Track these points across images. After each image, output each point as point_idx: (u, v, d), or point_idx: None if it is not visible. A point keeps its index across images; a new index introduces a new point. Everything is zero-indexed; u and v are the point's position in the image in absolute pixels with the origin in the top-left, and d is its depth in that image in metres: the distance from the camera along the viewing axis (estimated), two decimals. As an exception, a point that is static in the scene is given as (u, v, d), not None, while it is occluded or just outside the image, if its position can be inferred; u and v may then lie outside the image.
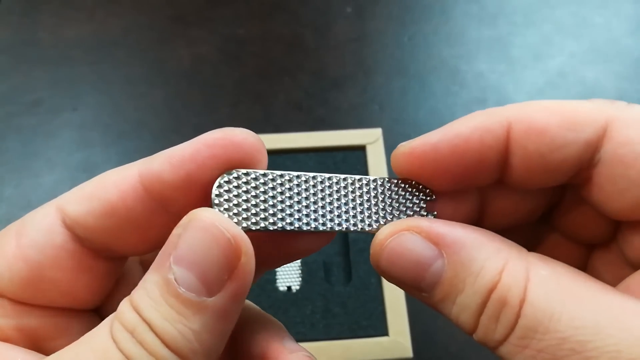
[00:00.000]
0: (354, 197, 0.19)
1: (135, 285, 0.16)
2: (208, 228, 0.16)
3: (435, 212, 0.20)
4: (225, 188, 0.17)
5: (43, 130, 0.53)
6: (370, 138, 0.48)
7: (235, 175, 0.17)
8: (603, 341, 0.15)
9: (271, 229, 0.18)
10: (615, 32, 0.59)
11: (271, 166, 0.18)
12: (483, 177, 0.19)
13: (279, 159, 0.47)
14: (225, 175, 0.17)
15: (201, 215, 0.16)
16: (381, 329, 0.41)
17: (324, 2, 0.62)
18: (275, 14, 0.61)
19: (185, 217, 0.16)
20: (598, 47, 0.58)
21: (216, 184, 0.17)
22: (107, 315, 0.17)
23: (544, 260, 0.17)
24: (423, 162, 0.19)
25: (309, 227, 0.18)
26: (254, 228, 0.18)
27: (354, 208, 0.19)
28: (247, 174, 0.18)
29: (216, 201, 0.17)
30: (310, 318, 0.42)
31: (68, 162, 0.51)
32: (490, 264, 0.17)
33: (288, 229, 0.18)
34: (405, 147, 0.19)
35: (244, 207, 0.18)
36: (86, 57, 0.58)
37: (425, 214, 0.20)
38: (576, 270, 0.17)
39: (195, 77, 0.57)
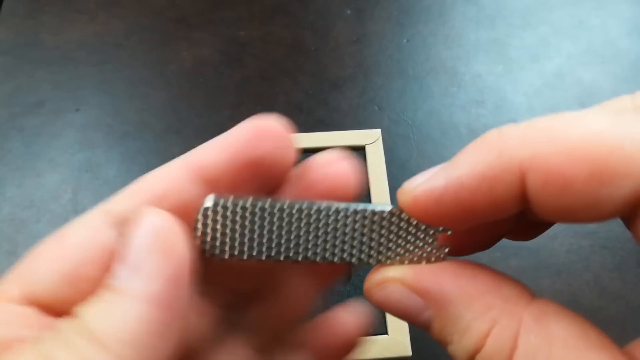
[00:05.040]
0: (353, 228, 0.18)
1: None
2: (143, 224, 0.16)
3: (447, 249, 0.18)
4: (209, 217, 0.17)
5: (46, 130, 0.54)
6: (370, 139, 0.49)
7: (220, 203, 0.17)
8: None
9: (260, 258, 0.18)
10: (612, 34, 0.60)
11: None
12: (499, 217, 0.17)
13: (280, 159, 0.47)
14: (210, 201, 0.17)
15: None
16: (380, 328, 0.41)
17: (323, 4, 0.62)
18: (276, 17, 0.61)
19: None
20: (595, 48, 0.59)
21: (201, 211, 0.17)
22: None
23: (542, 320, 0.15)
24: (427, 213, 0.17)
25: (297, 259, 0.18)
26: (244, 257, 0.17)
27: (352, 239, 0.18)
28: (232, 204, 0.17)
29: (200, 229, 0.17)
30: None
31: (70, 163, 0.52)
32: (476, 325, 0.16)
33: (279, 259, 0.18)
34: (407, 196, 0.17)
35: (230, 236, 0.17)
36: (89, 58, 0.58)
37: (434, 250, 0.18)
38: (584, 331, 0.15)
39: (197, 79, 0.57)
